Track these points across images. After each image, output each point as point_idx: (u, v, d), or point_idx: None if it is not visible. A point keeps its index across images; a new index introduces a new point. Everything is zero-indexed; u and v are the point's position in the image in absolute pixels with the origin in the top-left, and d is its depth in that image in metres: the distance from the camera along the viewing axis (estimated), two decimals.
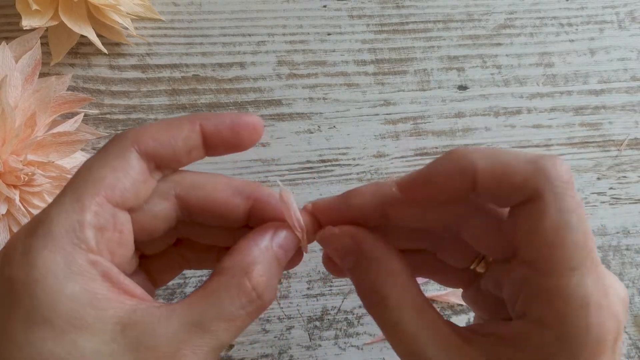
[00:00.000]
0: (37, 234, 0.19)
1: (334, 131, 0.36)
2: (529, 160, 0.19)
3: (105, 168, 0.21)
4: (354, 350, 0.35)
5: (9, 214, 0.30)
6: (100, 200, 0.20)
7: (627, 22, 0.38)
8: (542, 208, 0.19)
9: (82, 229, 0.19)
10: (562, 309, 0.19)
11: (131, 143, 0.21)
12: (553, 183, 0.19)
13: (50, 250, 0.19)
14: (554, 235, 0.19)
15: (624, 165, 0.38)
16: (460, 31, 0.37)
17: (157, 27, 0.35)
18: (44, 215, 0.20)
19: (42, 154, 0.31)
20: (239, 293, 0.20)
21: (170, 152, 0.22)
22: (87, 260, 0.19)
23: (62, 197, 0.20)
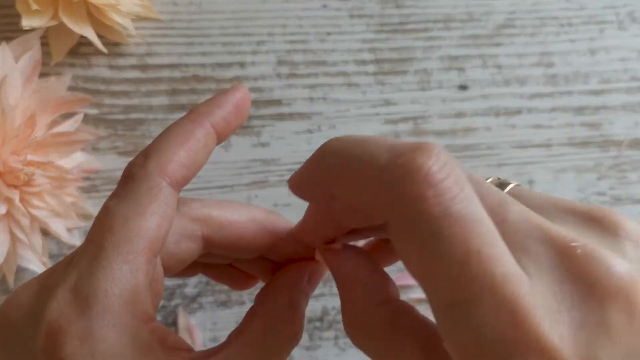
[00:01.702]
0: (93, 312, 0.16)
1: (334, 131, 0.36)
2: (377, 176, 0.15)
3: (144, 217, 0.18)
4: (354, 350, 0.35)
5: (8, 214, 0.30)
6: (148, 257, 0.18)
7: (627, 23, 0.38)
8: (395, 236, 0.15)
9: (139, 300, 0.17)
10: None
11: (160, 176, 0.19)
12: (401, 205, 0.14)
13: (113, 330, 0.16)
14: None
15: (624, 166, 0.37)
16: (460, 31, 0.37)
17: (156, 27, 0.35)
18: (90, 285, 0.17)
19: (42, 154, 0.31)
20: (284, 339, 0.20)
21: (196, 168, 0.20)
22: (149, 331, 0.17)
23: (102, 258, 0.17)
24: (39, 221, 0.31)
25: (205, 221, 0.21)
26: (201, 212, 0.21)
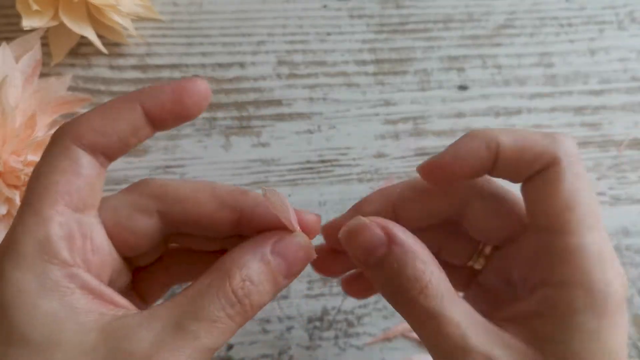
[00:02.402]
0: (6, 256, 0.19)
1: (334, 131, 0.36)
2: (544, 134, 0.21)
3: (55, 173, 0.20)
4: (354, 350, 0.35)
5: (9, 215, 0.30)
6: (60, 209, 0.19)
7: (627, 23, 0.38)
8: (560, 172, 0.21)
9: (49, 243, 0.19)
10: (586, 266, 0.20)
11: (71, 140, 0.20)
12: (567, 151, 0.21)
13: (20, 270, 0.18)
14: (572, 197, 0.21)
15: (623, 166, 0.38)
16: (460, 31, 0.37)
17: (157, 27, 0.35)
18: (10, 236, 0.19)
19: None
20: (218, 294, 0.19)
21: (115, 140, 0.21)
22: (63, 275, 0.19)
23: (21, 213, 0.19)
24: None
25: (159, 196, 0.21)
26: (157, 188, 0.22)
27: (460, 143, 0.22)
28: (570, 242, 0.20)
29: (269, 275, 0.21)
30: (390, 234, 0.21)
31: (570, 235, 0.20)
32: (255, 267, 0.20)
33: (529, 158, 0.21)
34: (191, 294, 0.20)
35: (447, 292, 0.21)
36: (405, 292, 0.21)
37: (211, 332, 0.19)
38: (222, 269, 0.20)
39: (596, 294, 0.20)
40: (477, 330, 0.20)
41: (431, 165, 0.23)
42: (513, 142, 0.22)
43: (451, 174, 0.22)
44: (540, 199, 0.21)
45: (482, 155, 0.22)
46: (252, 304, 0.20)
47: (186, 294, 0.20)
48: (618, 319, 0.20)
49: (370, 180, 0.36)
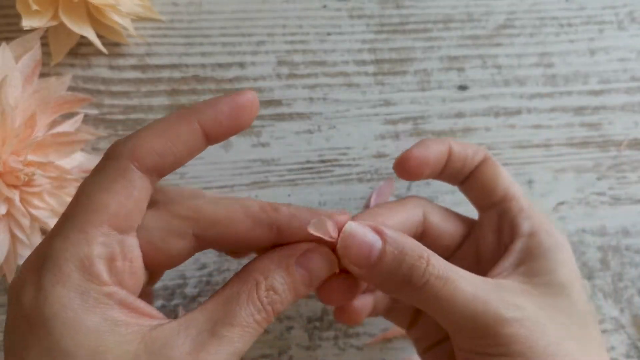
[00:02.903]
0: (47, 270, 0.19)
1: (334, 131, 0.36)
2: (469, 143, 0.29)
3: (107, 193, 0.20)
4: (354, 350, 0.35)
5: (8, 214, 0.30)
6: (105, 230, 0.20)
7: (627, 23, 0.38)
8: (494, 162, 0.29)
9: (91, 264, 0.19)
10: (540, 218, 0.27)
11: (130, 160, 0.20)
12: (487, 151, 0.29)
13: (64, 286, 0.19)
14: (508, 176, 0.29)
15: (623, 166, 0.38)
16: (460, 31, 0.37)
17: (156, 27, 0.35)
18: (49, 249, 0.20)
19: (42, 154, 0.31)
20: (247, 301, 0.21)
21: (172, 160, 0.21)
22: (103, 293, 0.19)
23: (64, 228, 0.20)
24: (39, 221, 0.31)
25: (195, 219, 0.22)
26: (191, 209, 0.22)
27: (426, 141, 0.28)
28: (522, 205, 0.28)
29: (291, 285, 0.22)
30: (380, 230, 0.23)
31: (520, 200, 0.28)
32: (279, 278, 0.22)
33: (470, 155, 0.28)
34: (222, 301, 0.21)
35: (444, 260, 0.23)
36: (416, 272, 0.22)
37: (243, 337, 0.20)
38: (250, 278, 0.21)
39: (556, 236, 0.26)
40: (485, 284, 0.23)
41: (407, 156, 0.27)
42: (457, 144, 0.28)
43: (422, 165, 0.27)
44: (490, 180, 0.28)
45: (443, 152, 0.28)
46: (274, 311, 0.22)
47: (217, 301, 0.21)
48: (571, 254, 0.26)
49: (370, 180, 0.36)
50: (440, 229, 0.29)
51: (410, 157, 0.27)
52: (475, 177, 0.29)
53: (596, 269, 0.37)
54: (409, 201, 0.29)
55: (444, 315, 0.23)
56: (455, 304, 0.22)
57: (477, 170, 0.29)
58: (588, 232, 0.37)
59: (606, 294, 0.37)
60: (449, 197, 0.36)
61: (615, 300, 0.37)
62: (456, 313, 0.22)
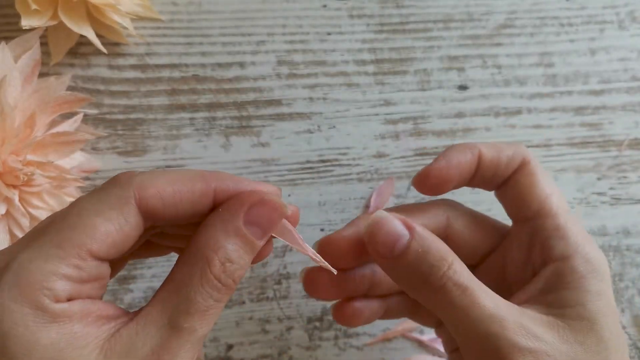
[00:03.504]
0: (3, 282, 0.18)
1: (334, 131, 0.36)
2: (508, 143, 0.26)
3: (99, 217, 0.19)
4: (353, 350, 0.35)
5: (8, 214, 0.30)
6: (83, 254, 0.18)
7: (628, 22, 0.38)
8: (533, 168, 0.25)
9: (54, 282, 0.18)
10: (578, 240, 0.24)
11: (133, 194, 0.19)
12: (530, 153, 0.26)
13: (16, 302, 0.17)
14: (548, 186, 0.25)
15: (624, 166, 0.37)
16: (460, 31, 0.37)
17: (156, 27, 0.35)
18: (12, 259, 0.18)
19: (42, 154, 0.31)
20: (202, 284, 0.19)
21: (172, 213, 0.20)
22: (61, 310, 0.18)
23: (40, 237, 0.18)
24: (38, 221, 0.31)
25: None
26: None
27: (449, 153, 0.25)
28: (559, 222, 0.24)
29: (246, 246, 0.20)
30: (410, 225, 0.23)
31: (557, 217, 0.25)
32: (231, 247, 0.20)
33: (505, 160, 0.25)
34: (174, 288, 0.19)
35: (469, 271, 0.22)
36: (435, 273, 0.22)
37: (205, 321, 0.19)
38: (198, 256, 0.20)
39: (593, 262, 0.23)
40: (506, 305, 0.22)
41: (426, 173, 0.25)
42: (490, 147, 0.26)
43: (444, 181, 0.25)
44: (524, 191, 0.25)
45: (470, 161, 0.25)
46: (235, 280, 0.20)
47: (169, 289, 0.19)
48: (610, 282, 0.24)
49: (370, 180, 0.36)
50: (465, 237, 0.27)
51: (430, 174, 0.25)
52: (510, 185, 0.26)
53: None
54: (433, 205, 0.27)
55: (455, 326, 0.22)
56: (470, 318, 0.21)
57: (512, 178, 0.26)
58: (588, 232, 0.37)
59: None
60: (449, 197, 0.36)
61: (615, 300, 0.37)
62: (469, 327, 0.21)
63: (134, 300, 0.34)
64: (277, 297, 0.35)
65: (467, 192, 0.36)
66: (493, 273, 0.27)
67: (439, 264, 0.22)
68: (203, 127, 0.35)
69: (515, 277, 0.26)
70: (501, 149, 0.26)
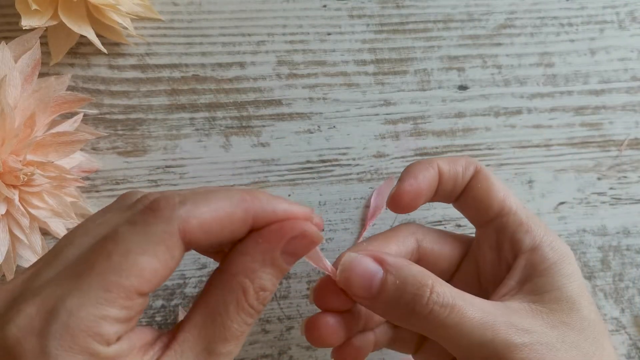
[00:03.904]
0: (52, 330, 0.17)
1: (334, 131, 0.36)
2: (457, 156, 0.30)
3: (146, 257, 0.18)
4: None
5: (8, 214, 0.30)
6: (132, 295, 0.18)
7: (628, 22, 0.38)
8: (486, 174, 0.27)
9: (104, 326, 0.17)
10: (541, 231, 0.26)
11: (178, 229, 0.18)
12: (477, 161, 0.28)
13: (68, 351, 0.17)
14: (503, 188, 0.27)
15: (624, 166, 0.37)
16: (460, 31, 0.37)
17: (156, 27, 0.35)
18: (60, 303, 0.17)
19: (42, 154, 0.31)
20: (238, 312, 0.20)
21: (213, 240, 0.20)
22: (113, 353, 0.18)
23: (85, 280, 0.17)
24: (38, 221, 0.31)
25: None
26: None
27: (414, 170, 0.27)
28: (521, 218, 0.26)
29: (279, 274, 0.21)
30: (381, 259, 0.23)
31: (518, 214, 0.27)
32: (266, 276, 0.20)
33: (461, 171, 0.27)
34: (209, 313, 0.20)
35: (450, 286, 0.23)
36: (419, 301, 0.22)
37: (239, 345, 0.20)
38: (235, 283, 0.20)
39: (560, 249, 0.25)
40: (493, 308, 0.23)
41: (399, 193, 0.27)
42: (446, 161, 0.27)
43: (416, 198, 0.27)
44: (484, 195, 0.27)
45: (433, 176, 0.27)
46: (264, 305, 0.21)
47: (204, 314, 0.20)
48: (575, 263, 0.26)
49: (370, 180, 0.36)
50: (435, 253, 0.28)
51: (403, 193, 0.27)
52: (467, 193, 0.28)
53: (597, 269, 0.37)
54: (399, 230, 0.28)
55: (452, 343, 0.23)
56: (463, 332, 0.22)
57: (469, 186, 0.28)
58: (589, 232, 0.37)
59: (607, 294, 0.37)
60: None
61: (616, 300, 0.37)
62: (464, 341, 0.22)
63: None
64: (277, 297, 0.35)
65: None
66: (469, 278, 0.28)
67: (420, 292, 0.22)
68: (203, 127, 0.35)
69: (491, 276, 0.27)
70: (455, 161, 0.28)
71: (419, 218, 0.36)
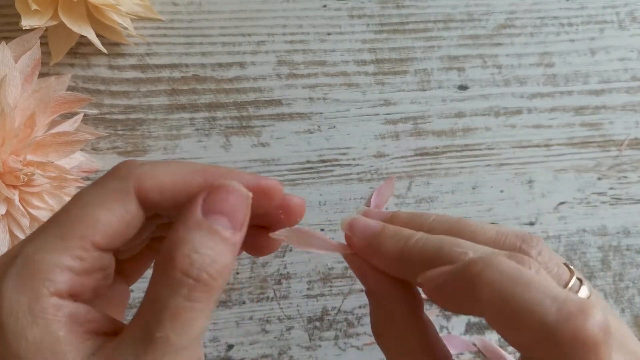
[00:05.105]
0: (8, 273, 0.18)
1: (334, 131, 0.36)
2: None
3: (100, 209, 0.19)
4: (354, 350, 0.35)
5: (8, 214, 0.30)
6: (86, 244, 0.18)
7: (628, 22, 0.38)
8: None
9: (54, 272, 0.18)
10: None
11: (133, 186, 0.19)
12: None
13: (16, 290, 0.17)
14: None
15: (624, 166, 0.37)
16: (460, 31, 0.37)
17: (156, 27, 0.35)
18: (19, 250, 0.18)
19: (42, 154, 0.31)
20: (167, 282, 0.17)
21: (170, 205, 0.20)
22: (53, 305, 0.18)
23: (44, 231, 0.18)
24: (38, 221, 0.31)
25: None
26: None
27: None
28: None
29: (214, 237, 0.18)
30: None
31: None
32: (193, 237, 0.18)
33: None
34: (147, 296, 0.18)
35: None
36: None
37: (179, 328, 0.17)
38: (162, 255, 0.18)
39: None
40: None
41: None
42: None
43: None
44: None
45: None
46: (211, 275, 0.18)
47: (145, 298, 0.18)
48: None
49: (370, 180, 0.36)
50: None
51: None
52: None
53: (597, 269, 0.37)
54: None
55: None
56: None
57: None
58: (589, 232, 0.37)
59: (607, 294, 0.37)
60: (449, 197, 0.36)
61: (616, 300, 0.37)
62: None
63: (134, 300, 0.34)
64: (277, 297, 0.35)
65: (467, 193, 0.36)
66: None
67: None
68: (203, 127, 0.35)
69: None
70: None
71: None
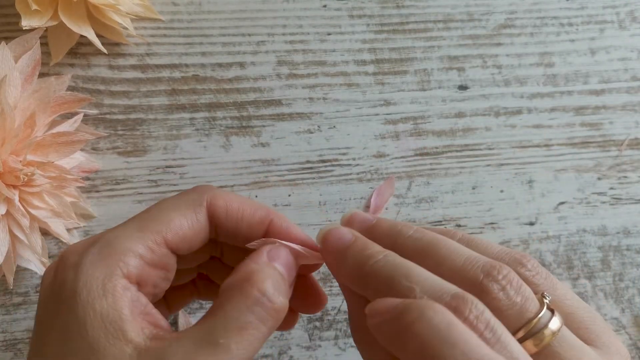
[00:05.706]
0: (90, 251, 0.21)
1: (334, 131, 0.36)
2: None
3: (175, 213, 0.22)
4: (354, 350, 0.35)
5: (8, 214, 0.30)
6: (159, 239, 0.21)
7: (628, 22, 0.38)
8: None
9: (128, 256, 0.21)
10: None
11: (206, 200, 0.23)
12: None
13: (94, 266, 0.20)
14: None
15: (624, 166, 0.37)
16: (460, 31, 0.37)
17: (156, 27, 0.35)
18: (102, 235, 0.22)
19: (42, 154, 0.31)
20: (242, 299, 0.20)
21: (232, 226, 0.23)
22: (122, 285, 0.20)
23: (126, 224, 0.22)
24: (38, 221, 0.31)
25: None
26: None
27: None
28: None
29: (282, 281, 0.22)
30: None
31: None
32: (267, 270, 0.21)
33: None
34: (215, 309, 0.20)
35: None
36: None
37: (241, 341, 0.19)
38: (236, 280, 0.21)
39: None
40: None
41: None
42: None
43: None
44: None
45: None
46: (280, 303, 0.21)
47: (211, 311, 0.20)
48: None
49: (370, 180, 0.36)
50: None
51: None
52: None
53: (597, 269, 0.37)
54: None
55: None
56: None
57: None
58: (589, 232, 0.37)
59: (607, 294, 0.37)
60: (449, 197, 0.36)
61: (616, 300, 0.37)
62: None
63: None
64: None
65: (467, 193, 0.36)
66: None
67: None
68: (203, 127, 0.35)
69: None
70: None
71: (419, 218, 0.36)
